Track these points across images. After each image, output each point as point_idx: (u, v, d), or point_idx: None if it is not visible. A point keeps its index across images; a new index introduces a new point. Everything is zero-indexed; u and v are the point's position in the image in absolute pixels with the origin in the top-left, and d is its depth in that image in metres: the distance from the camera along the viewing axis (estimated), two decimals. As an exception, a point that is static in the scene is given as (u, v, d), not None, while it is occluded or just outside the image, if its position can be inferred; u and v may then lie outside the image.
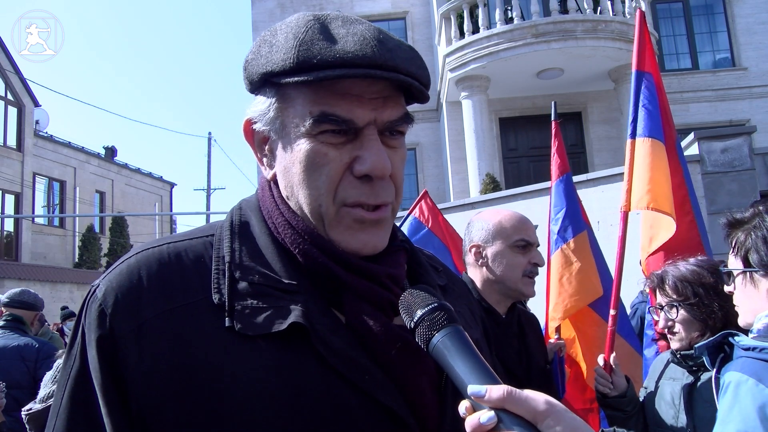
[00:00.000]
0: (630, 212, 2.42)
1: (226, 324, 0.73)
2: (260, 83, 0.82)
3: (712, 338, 1.46)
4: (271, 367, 0.72)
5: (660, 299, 1.97)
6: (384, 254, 0.84)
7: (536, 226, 2.69)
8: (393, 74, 0.76)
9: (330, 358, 0.74)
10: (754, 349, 1.28)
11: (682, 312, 1.88)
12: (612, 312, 2.27)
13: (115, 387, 0.72)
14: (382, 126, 0.79)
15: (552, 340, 2.49)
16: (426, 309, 0.70)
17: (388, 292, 0.82)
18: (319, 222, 0.81)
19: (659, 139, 2.40)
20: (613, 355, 2.15)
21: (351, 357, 0.75)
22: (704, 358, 1.47)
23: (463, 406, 0.64)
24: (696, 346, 1.54)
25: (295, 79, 0.75)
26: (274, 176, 0.85)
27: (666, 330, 1.94)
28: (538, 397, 0.61)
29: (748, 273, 1.42)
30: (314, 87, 0.77)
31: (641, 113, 2.42)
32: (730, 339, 1.40)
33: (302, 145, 0.78)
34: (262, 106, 0.83)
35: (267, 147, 0.86)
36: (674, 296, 1.91)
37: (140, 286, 0.76)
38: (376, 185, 0.79)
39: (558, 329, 2.59)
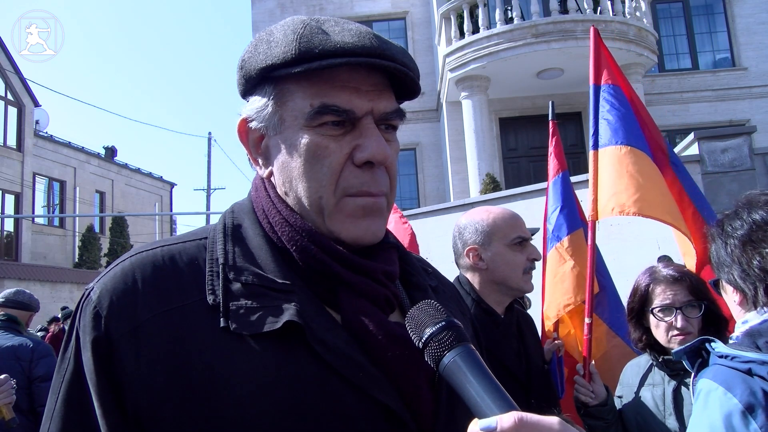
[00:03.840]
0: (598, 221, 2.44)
1: (222, 324, 0.73)
2: (258, 80, 0.83)
3: (689, 344, 1.44)
4: (266, 365, 0.72)
5: (681, 297, 1.95)
6: (378, 252, 0.85)
7: (538, 229, 2.67)
8: (392, 63, 0.79)
9: (325, 355, 0.74)
10: (727, 357, 1.27)
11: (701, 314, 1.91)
12: (587, 320, 2.29)
13: (111, 389, 0.72)
14: (379, 116, 0.81)
15: (550, 340, 2.48)
16: (435, 327, 0.68)
17: (384, 288, 0.83)
18: (319, 215, 0.81)
19: (634, 145, 2.41)
20: (592, 363, 2.13)
21: (346, 354, 0.75)
22: (684, 362, 1.46)
23: None
24: (674, 351, 1.52)
25: (298, 69, 0.77)
26: (270, 174, 0.86)
27: (681, 334, 1.90)
28: (550, 421, 0.59)
29: (720, 280, 1.42)
30: (314, 80, 0.79)
31: (602, 125, 2.48)
32: (707, 345, 1.38)
33: (303, 138, 0.80)
34: (258, 103, 0.84)
35: (263, 145, 0.86)
36: (692, 297, 1.93)
37: (135, 289, 0.76)
38: (377, 173, 0.81)
39: (557, 328, 2.57)
